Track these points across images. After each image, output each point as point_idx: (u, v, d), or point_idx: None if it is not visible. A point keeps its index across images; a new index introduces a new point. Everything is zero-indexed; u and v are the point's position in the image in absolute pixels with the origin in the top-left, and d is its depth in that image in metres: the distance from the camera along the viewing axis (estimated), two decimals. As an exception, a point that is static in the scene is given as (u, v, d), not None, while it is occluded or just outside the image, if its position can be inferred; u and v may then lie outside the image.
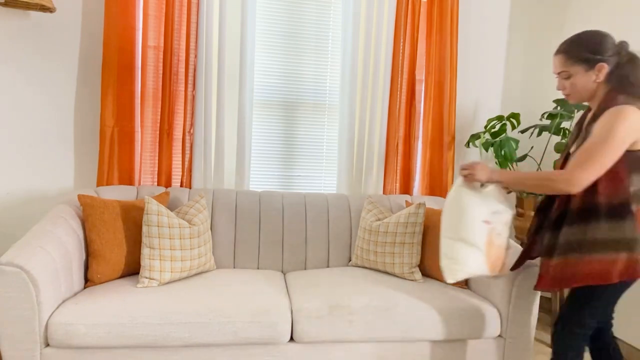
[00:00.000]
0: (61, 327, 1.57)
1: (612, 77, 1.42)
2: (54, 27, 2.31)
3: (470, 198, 1.62)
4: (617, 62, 1.42)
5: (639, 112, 1.33)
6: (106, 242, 1.89)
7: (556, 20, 2.92)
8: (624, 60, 1.42)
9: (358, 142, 2.63)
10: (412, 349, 1.85)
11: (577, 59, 1.44)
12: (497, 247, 1.61)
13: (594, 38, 1.43)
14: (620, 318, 2.41)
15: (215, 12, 2.41)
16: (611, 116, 1.33)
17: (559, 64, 1.49)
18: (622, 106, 1.33)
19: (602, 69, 1.41)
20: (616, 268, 1.37)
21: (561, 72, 1.49)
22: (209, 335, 1.68)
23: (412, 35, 2.60)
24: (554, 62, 1.51)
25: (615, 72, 1.42)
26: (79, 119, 2.39)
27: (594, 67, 1.42)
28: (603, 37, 1.43)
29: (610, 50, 1.41)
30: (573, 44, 1.45)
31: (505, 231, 1.63)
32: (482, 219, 1.59)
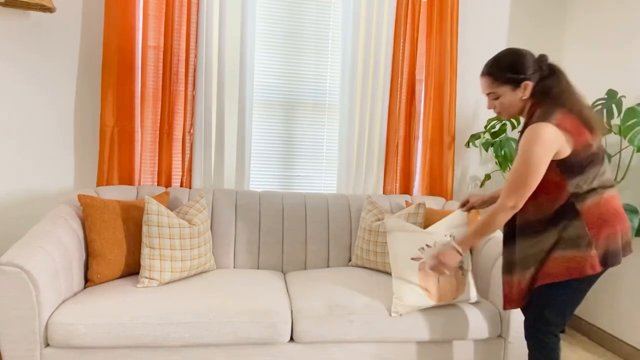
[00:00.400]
0: (61, 327, 1.57)
1: (536, 91, 1.49)
2: (54, 27, 2.31)
3: (398, 238, 1.82)
4: (539, 76, 1.49)
5: (551, 126, 1.37)
6: (106, 242, 1.89)
7: (556, 20, 2.92)
8: (545, 74, 1.49)
9: (358, 142, 2.63)
10: (412, 349, 1.85)
11: (503, 81, 1.50)
12: (437, 277, 1.78)
13: (516, 58, 1.49)
14: (621, 318, 2.41)
15: (215, 12, 2.41)
16: (527, 139, 1.40)
17: (486, 85, 1.55)
18: (536, 125, 1.39)
19: (527, 87, 1.48)
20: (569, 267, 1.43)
21: (489, 94, 1.55)
22: (209, 335, 1.68)
23: (412, 35, 2.60)
24: (481, 83, 1.57)
25: (538, 87, 1.48)
26: (79, 119, 2.39)
27: (519, 85, 1.49)
28: (523, 56, 1.50)
29: (531, 68, 1.48)
30: (497, 66, 1.52)
31: None
32: (411, 256, 1.79)
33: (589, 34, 2.74)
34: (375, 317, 1.79)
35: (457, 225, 1.86)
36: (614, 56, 2.54)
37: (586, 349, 2.46)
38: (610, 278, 2.49)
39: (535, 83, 1.49)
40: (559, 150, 1.39)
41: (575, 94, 1.46)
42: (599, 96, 2.60)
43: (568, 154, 1.40)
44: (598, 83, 2.64)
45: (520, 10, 2.86)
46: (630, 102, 2.38)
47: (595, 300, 2.59)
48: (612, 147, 2.46)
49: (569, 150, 1.40)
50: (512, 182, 1.43)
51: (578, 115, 1.41)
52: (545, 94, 1.47)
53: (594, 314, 2.59)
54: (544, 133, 1.37)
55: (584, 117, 1.41)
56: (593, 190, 1.42)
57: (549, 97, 1.45)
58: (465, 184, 2.86)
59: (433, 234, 1.84)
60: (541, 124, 1.38)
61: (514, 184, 1.43)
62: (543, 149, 1.37)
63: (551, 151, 1.38)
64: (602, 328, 2.52)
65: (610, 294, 2.48)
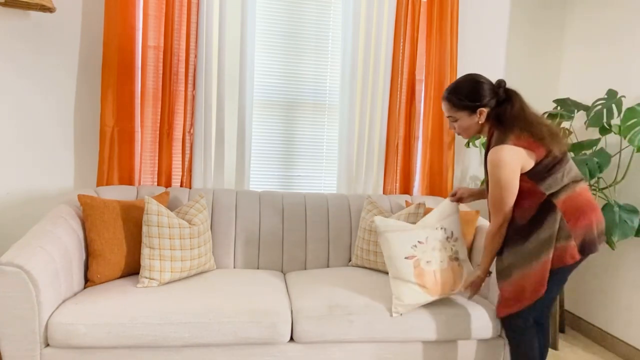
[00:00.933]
0: (61, 327, 1.57)
1: (492, 115, 1.62)
2: (54, 27, 2.31)
3: (389, 240, 1.83)
4: (496, 102, 1.62)
5: (511, 147, 1.51)
6: (106, 242, 1.89)
7: (556, 20, 2.92)
8: (502, 98, 1.62)
9: (358, 142, 2.63)
10: (412, 349, 1.85)
11: (459, 107, 1.64)
12: (433, 272, 1.79)
13: (473, 86, 1.62)
14: (621, 317, 2.41)
15: (215, 12, 2.41)
16: (492, 165, 1.54)
17: (446, 109, 1.69)
18: (497, 150, 1.52)
19: (482, 113, 1.62)
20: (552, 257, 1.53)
21: (449, 117, 1.69)
22: (209, 335, 1.67)
23: (412, 35, 2.60)
24: (443, 106, 1.71)
25: (494, 112, 1.62)
26: (79, 119, 2.39)
27: (475, 111, 1.62)
28: (481, 84, 1.62)
29: (488, 96, 1.61)
30: (455, 93, 1.64)
31: (437, 254, 1.81)
32: (404, 256, 1.79)
33: (588, 34, 2.74)
34: (375, 317, 1.78)
35: (448, 215, 1.88)
36: (614, 56, 2.54)
37: (586, 349, 2.46)
38: (611, 278, 2.49)
39: (491, 108, 1.62)
40: (523, 165, 1.53)
41: (527, 116, 1.58)
42: (599, 96, 2.60)
43: (532, 165, 1.53)
44: (598, 83, 2.64)
45: (520, 11, 2.86)
46: (630, 102, 2.38)
47: (594, 300, 2.59)
48: (612, 147, 2.46)
49: (532, 162, 1.53)
50: (494, 206, 1.59)
51: (529, 134, 1.53)
52: (499, 118, 1.60)
53: (594, 314, 2.59)
54: (505, 156, 1.51)
55: (534, 134, 1.53)
56: (565, 186, 1.53)
57: (503, 121, 1.58)
58: (465, 184, 2.86)
59: (425, 228, 1.85)
60: (500, 147, 1.52)
61: (496, 207, 1.58)
62: (509, 170, 1.51)
63: (517, 169, 1.52)
64: (602, 328, 2.52)
65: (610, 294, 2.48)
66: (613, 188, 2.45)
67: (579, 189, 1.54)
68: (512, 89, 1.63)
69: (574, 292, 2.76)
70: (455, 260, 1.85)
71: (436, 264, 1.80)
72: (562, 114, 2.46)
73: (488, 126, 1.65)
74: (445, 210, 1.89)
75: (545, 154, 1.52)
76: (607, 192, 2.49)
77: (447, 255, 1.83)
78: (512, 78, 2.89)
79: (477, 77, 1.64)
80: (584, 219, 1.51)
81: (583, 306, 2.68)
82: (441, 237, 1.84)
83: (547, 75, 2.94)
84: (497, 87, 1.63)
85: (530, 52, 2.90)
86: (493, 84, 1.64)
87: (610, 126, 2.27)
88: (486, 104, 1.61)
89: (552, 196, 1.53)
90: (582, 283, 2.69)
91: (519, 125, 1.55)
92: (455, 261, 1.85)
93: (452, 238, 1.87)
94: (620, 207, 2.20)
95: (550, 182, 1.53)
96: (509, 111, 1.58)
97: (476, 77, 1.64)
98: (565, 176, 1.54)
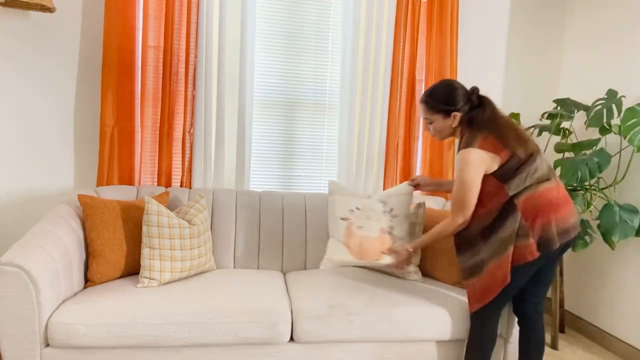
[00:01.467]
0: (61, 327, 1.57)
1: (464, 119, 1.73)
2: (54, 27, 2.31)
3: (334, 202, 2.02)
4: (469, 107, 1.73)
5: (477, 150, 1.62)
6: (106, 242, 1.89)
7: (556, 20, 2.92)
8: (475, 104, 1.73)
9: (358, 142, 2.63)
10: (412, 349, 1.85)
11: (435, 110, 1.76)
12: (361, 237, 1.93)
13: (449, 91, 1.74)
14: (621, 318, 2.41)
15: (215, 12, 2.41)
16: (458, 166, 1.66)
17: (422, 112, 1.81)
18: (463, 152, 1.64)
19: (456, 117, 1.73)
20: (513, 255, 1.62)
21: (425, 119, 1.81)
22: (209, 335, 1.68)
23: (412, 35, 2.60)
24: (419, 109, 1.84)
25: (466, 116, 1.73)
26: (79, 119, 2.39)
27: (449, 115, 1.74)
28: (456, 90, 1.74)
29: (461, 101, 1.73)
30: (431, 97, 1.76)
31: (370, 223, 1.95)
32: (340, 216, 1.98)
33: (588, 34, 2.74)
34: (375, 317, 1.79)
35: (397, 194, 2.01)
36: (614, 56, 2.54)
37: (586, 349, 2.46)
38: (611, 278, 2.49)
39: (464, 113, 1.72)
40: (488, 166, 1.63)
41: (496, 120, 1.68)
42: (599, 96, 2.60)
43: (497, 167, 1.63)
44: (598, 83, 2.64)
45: (520, 11, 2.86)
46: (630, 102, 2.38)
47: (595, 300, 2.59)
48: (612, 147, 2.46)
49: (496, 164, 1.62)
50: (455, 203, 1.69)
51: (496, 138, 1.63)
52: (470, 122, 1.72)
53: (594, 314, 2.59)
54: (470, 158, 1.62)
55: (500, 137, 1.63)
56: (528, 187, 1.62)
57: (473, 125, 1.70)
58: (465, 184, 2.86)
59: (368, 199, 2.02)
60: (467, 150, 1.63)
61: (457, 205, 1.68)
62: (472, 172, 1.62)
63: (480, 171, 1.63)
64: (602, 328, 2.52)
65: (611, 294, 2.48)
66: (613, 188, 2.45)
67: (540, 189, 1.62)
68: (485, 96, 1.75)
69: (574, 292, 2.76)
70: (387, 234, 1.95)
71: (366, 230, 1.94)
72: (562, 114, 2.46)
73: (460, 129, 1.76)
74: (398, 190, 2.03)
75: (509, 157, 1.62)
76: (607, 192, 2.49)
77: (380, 227, 1.95)
78: (512, 78, 2.89)
79: (452, 83, 1.76)
80: (541, 218, 1.60)
81: (583, 306, 2.68)
82: (379, 209, 1.99)
83: (547, 75, 2.94)
84: (471, 93, 1.74)
85: (530, 52, 2.90)
86: (467, 90, 1.75)
87: (610, 126, 2.27)
88: (459, 108, 1.72)
89: (514, 197, 1.62)
90: (582, 283, 2.69)
91: (487, 129, 1.65)
92: (388, 234, 1.95)
93: (391, 214, 1.98)
94: (620, 207, 2.20)
95: (516, 182, 1.62)
96: (480, 116, 1.69)
97: (452, 83, 1.76)
98: (529, 177, 1.63)
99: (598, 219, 2.23)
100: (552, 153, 2.87)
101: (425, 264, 2.22)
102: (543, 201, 1.61)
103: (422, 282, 2.13)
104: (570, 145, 2.41)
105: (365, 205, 2.00)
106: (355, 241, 1.93)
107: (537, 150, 1.67)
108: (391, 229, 1.96)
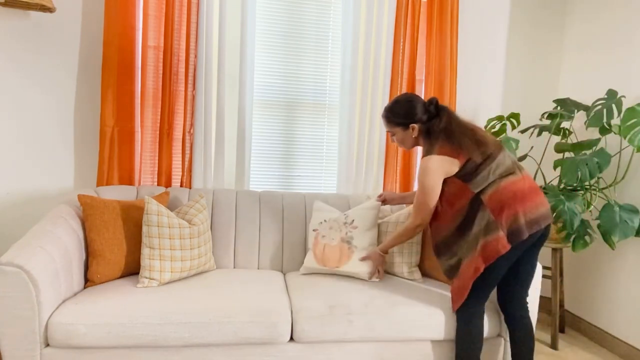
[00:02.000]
0: (61, 327, 1.57)
1: (424, 129, 1.85)
2: (54, 27, 2.31)
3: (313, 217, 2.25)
4: (427, 117, 1.84)
5: (437, 157, 1.73)
6: (106, 242, 1.89)
7: (556, 20, 2.92)
8: (433, 114, 1.84)
9: (358, 142, 2.63)
10: (412, 349, 1.85)
11: (394, 124, 1.89)
12: (324, 245, 2.14)
13: (406, 105, 1.86)
14: (621, 318, 2.41)
15: (215, 12, 2.41)
16: (420, 173, 1.77)
17: (385, 124, 1.94)
18: (424, 160, 1.76)
19: (414, 128, 1.85)
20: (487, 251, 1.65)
21: (388, 132, 1.95)
22: (209, 335, 1.68)
23: (412, 35, 2.60)
24: (383, 122, 1.94)
25: (425, 126, 1.85)
26: (79, 119, 2.39)
27: (408, 127, 1.86)
28: (413, 104, 1.85)
29: (419, 113, 1.84)
30: (391, 112, 1.89)
31: (331, 233, 2.15)
32: (313, 228, 2.22)
33: (588, 34, 2.74)
34: (375, 317, 1.79)
35: (361, 208, 2.19)
36: (614, 56, 2.54)
37: (586, 349, 2.46)
38: (611, 278, 2.49)
39: (422, 123, 1.84)
40: (448, 171, 1.73)
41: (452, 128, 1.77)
42: (599, 96, 2.60)
43: (457, 169, 1.72)
44: (598, 83, 2.64)
45: (520, 11, 2.86)
46: (630, 102, 2.38)
47: (595, 301, 2.59)
48: (612, 147, 2.46)
49: (456, 167, 1.72)
50: (416, 207, 1.82)
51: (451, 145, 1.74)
52: (428, 132, 1.84)
53: (594, 314, 2.59)
54: (430, 166, 1.74)
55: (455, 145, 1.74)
56: (492, 182, 1.69)
57: (430, 135, 1.82)
58: (465, 184, 2.86)
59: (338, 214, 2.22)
60: (426, 158, 1.76)
61: (418, 208, 1.82)
62: (432, 178, 1.74)
63: (440, 176, 1.74)
64: (602, 328, 2.52)
65: (611, 295, 2.48)
66: (613, 188, 2.45)
67: (504, 183, 1.68)
68: (443, 105, 1.85)
69: (574, 292, 2.76)
70: (346, 243, 2.12)
71: (327, 239, 2.14)
72: (562, 114, 2.46)
73: (422, 139, 1.87)
74: (365, 205, 2.20)
75: (465, 160, 1.71)
76: (607, 192, 2.49)
77: (340, 236, 2.13)
78: (512, 78, 2.89)
79: (410, 97, 1.88)
80: (508, 210, 1.64)
81: (583, 306, 2.68)
82: (340, 220, 2.17)
83: (547, 75, 2.94)
84: (429, 105, 1.85)
85: (530, 52, 2.90)
86: (425, 103, 1.86)
87: (610, 126, 2.27)
88: (417, 120, 1.84)
89: (480, 193, 1.70)
90: (582, 283, 2.69)
91: (443, 137, 1.77)
92: (346, 244, 2.12)
93: (351, 225, 2.14)
94: (620, 207, 2.20)
95: (479, 180, 1.70)
96: (437, 125, 1.80)
97: (410, 97, 1.88)
98: (492, 174, 1.69)
99: (598, 219, 2.22)
100: (552, 153, 2.87)
101: (425, 264, 2.23)
102: (507, 194, 1.66)
103: (421, 282, 2.13)
104: (570, 145, 2.41)
105: (331, 218, 2.19)
106: (320, 249, 2.15)
107: (499, 147, 1.75)
108: (350, 239, 2.12)
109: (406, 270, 2.15)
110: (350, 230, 2.13)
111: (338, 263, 2.10)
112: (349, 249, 2.11)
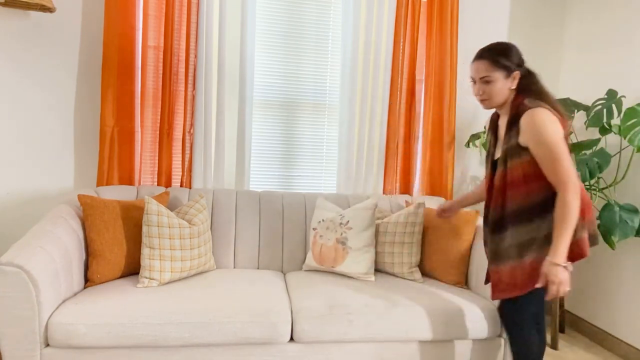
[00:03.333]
0: (61, 327, 1.57)
1: (520, 85, 1.57)
2: (54, 27, 2.31)
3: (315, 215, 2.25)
4: (524, 72, 1.57)
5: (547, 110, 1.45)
6: (106, 242, 1.89)
7: (556, 20, 2.92)
8: (526, 72, 1.58)
9: (358, 142, 2.63)
10: (412, 349, 1.85)
11: (499, 66, 1.54)
12: (321, 245, 2.16)
13: (510, 48, 1.57)
14: (621, 318, 2.41)
15: (215, 12, 2.41)
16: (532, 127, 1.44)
17: (483, 69, 1.57)
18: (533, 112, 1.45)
19: (516, 77, 1.56)
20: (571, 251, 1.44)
21: (483, 77, 1.57)
22: (209, 335, 1.68)
23: (412, 35, 2.60)
24: (476, 67, 1.59)
25: (522, 81, 1.57)
26: (79, 119, 2.39)
27: (511, 74, 1.56)
28: (516, 49, 1.58)
29: (521, 62, 1.58)
30: (497, 51, 1.56)
31: (327, 233, 2.15)
32: (313, 227, 2.23)
33: (588, 34, 2.74)
34: (375, 317, 1.79)
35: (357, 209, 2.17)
36: (614, 56, 2.54)
37: (586, 349, 2.46)
38: (611, 278, 2.49)
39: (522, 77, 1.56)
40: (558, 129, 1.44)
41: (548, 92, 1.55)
42: (599, 96, 2.60)
43: None
44: (598, 83, 2.64)
45: (520, 10, 2.86)
46: (630, 102, 2.38)
47: (595, 301, 2.59)
48: (612, 147, 2.46)
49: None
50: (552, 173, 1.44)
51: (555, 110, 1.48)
52: (528, 89, 1.55)
53: (594, 314, 2.59)
54: (543, 116, 1.43)
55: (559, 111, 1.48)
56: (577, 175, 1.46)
57: (531, 92, 1.54)
58: (465, 184, 2.86)
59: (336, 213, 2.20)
60: (537, 109, 1.45)
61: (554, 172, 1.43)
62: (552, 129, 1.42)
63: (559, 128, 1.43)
64: (602, 328, 2.52)
65: (610, 294, 2.48)
66: (613, 188, 2.45)
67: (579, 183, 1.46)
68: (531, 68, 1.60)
69: (574, 292, 2.76)
70: (341, 244, 2.12)
71: (324, 239, 2.16)
72: (562, 114, 2.46)
73: (514, 96, 1.58)
74: (361, 205, 2.19)
75: (566, 133, 1.46)
76: (607, 192, 2.49)
77: (335, 237, 2.14)
78: (512, 78, 2.89)
79: (510, 43, 1.59)
80: (588, 213, 1.51)
81: (583, 306, 2.68)
82: (336, 221, 2.17)
83: (547, 75, 2.94)
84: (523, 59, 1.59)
85: (530, 52, 2.90)
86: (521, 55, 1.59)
87: (610, 126, 2.27)
88: (520, 69, 1.56)
89: None
90: (582, 283, 2.69)
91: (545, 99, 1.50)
92: (341, 244, 2.12)
93: (346, 226, 2.14)
94: (620, 207, 2.20)
95: None
96: (536, 84, 1.55)
97: (510, 43, 1.59)
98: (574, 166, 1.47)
99: (598, 219, 2.22)
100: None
101: (425, 264, 2.23)
102: (586, 196, 1.50)
103: (422, 282, 2.13)
104: (570, 145, 2.40)
105: (328, 218, 2.20)
106: (317, 248, 2.17)
107: None
108: (345, 240, 2.13)
109: (406, 270, 2.15)
110: (345, 231, 2.13)
111: (333, 263, 2.12)
112: (343, 249, 2.12)
